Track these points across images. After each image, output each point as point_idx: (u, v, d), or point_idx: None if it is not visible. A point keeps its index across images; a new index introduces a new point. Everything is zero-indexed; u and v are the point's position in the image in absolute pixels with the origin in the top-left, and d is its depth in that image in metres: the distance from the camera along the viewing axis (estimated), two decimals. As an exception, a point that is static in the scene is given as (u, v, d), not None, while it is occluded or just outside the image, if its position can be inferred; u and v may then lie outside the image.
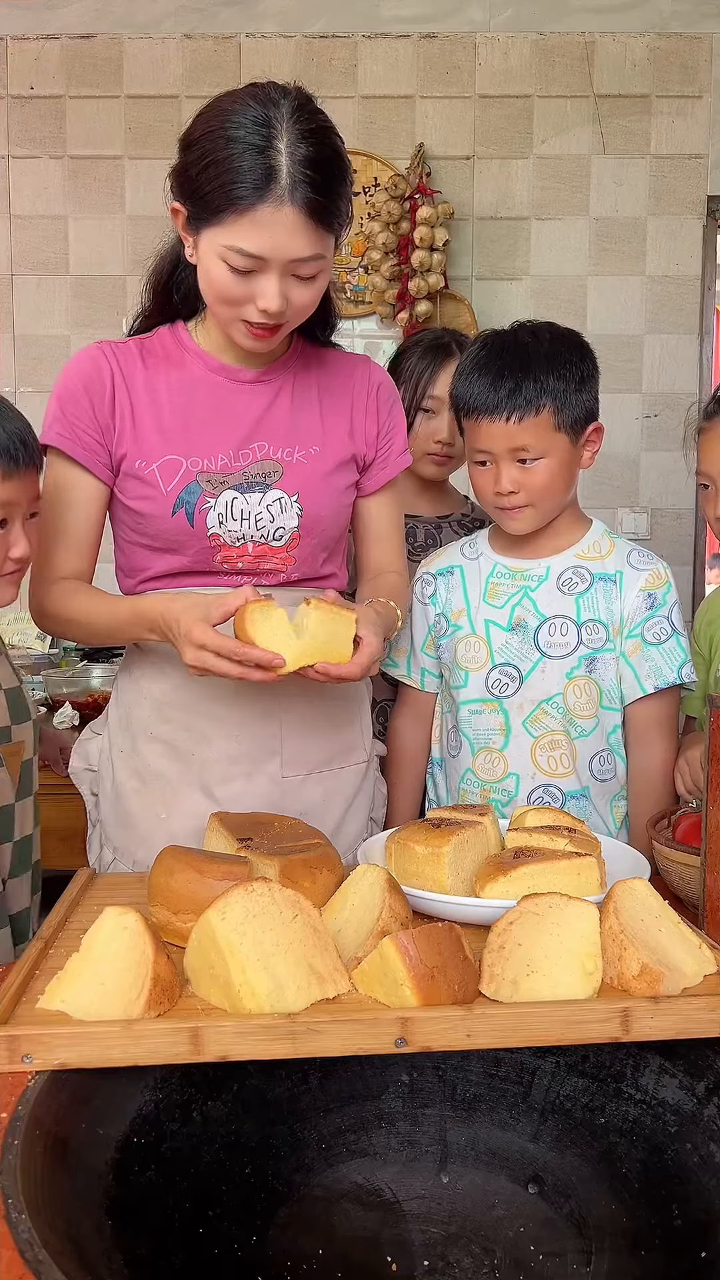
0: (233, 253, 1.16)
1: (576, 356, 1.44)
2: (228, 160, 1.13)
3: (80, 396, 1.31)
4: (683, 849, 1.26)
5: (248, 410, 1.33)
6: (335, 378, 1.40)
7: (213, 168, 1.14)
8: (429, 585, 1.58)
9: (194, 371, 1.34)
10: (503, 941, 0.92)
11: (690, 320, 3.15)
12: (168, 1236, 0.80)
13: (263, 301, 1.19)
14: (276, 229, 1.14)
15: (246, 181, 1.12)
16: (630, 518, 3.19)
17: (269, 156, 1.12)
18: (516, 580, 1.51)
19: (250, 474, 1.32)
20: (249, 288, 1.18)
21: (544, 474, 1.42)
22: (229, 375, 1.34)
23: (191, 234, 1.21)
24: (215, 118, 1.17)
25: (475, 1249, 0.88)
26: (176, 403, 1.32)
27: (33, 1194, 0.69)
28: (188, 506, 1.30)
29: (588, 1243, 0.87)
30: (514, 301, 3.14)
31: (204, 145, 1.16)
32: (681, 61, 3.08)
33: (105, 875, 1.28)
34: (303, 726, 1.38)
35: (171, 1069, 0.86)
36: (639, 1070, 0.92)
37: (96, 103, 3.11)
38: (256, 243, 1.14)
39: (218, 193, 1.14)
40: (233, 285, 1.18)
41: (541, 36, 3.07)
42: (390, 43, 3.08)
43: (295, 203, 1.13)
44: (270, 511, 1.32)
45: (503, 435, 1.40)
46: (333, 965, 0.89)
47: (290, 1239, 0.86)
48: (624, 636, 1.49)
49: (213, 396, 1.33)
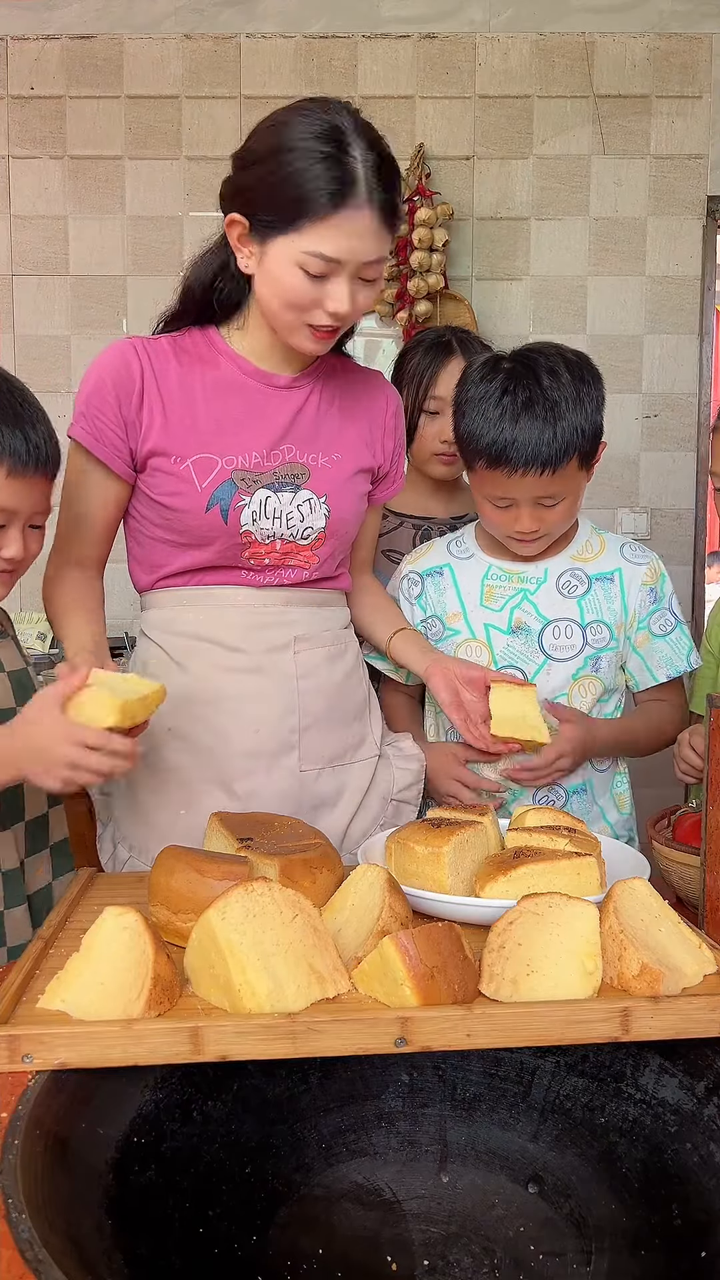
0: (312, 258, 1.20)
1: (594, 388, 1.42)
2: (308, 168, 1.17)
3: (107, 392, 1.33)
4: (683, 849, 1.26)
5: (280, 413, 1.36)
6: (357, 391, 1.44)
7: (293, 177, 1.17)
8: (416, 585, 1.58)
9: (228, 373, 1.36)
10: (503, 941, 0.92)
11: (690, 320, 3.15)
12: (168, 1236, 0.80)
13: (333, 304, 1.23)
14: (355, 233, 1.20)
15: (329, 188, 1.17)
16: (630, 518, 3.19)
17: (347, 164, 1.18)
18: (513, 583, 1.52)
19: (280, 474, 1.35)
20: (319, 292, 1.23)
21: (564, 510, 1.44)
22: (263, 379, 1.36)
23: (255, 244, 1.24)
24: (282, 130, 1.19)
25: (475, 1249, 0.88)
26: (212, 401, 1.35)
27: (33, 1194, 0.69)
28: (222, 504, 1.32)
29: (588, 1242, 0.87)
30: (514, 302, 3.14)
31: (278, 157, 1.18)
32: (681, 61, 3.08)
33: (105, 875, 1.28)
34: (319, 720, 1.40)
35: (171, 1069, 0.86)
36: (639, 1070, 0.92)
37: (96, 103, 3.11)
38: (335, 247, 1.19)
39: (299, 201, 1.17)
40: (305, 291, 1.22)
41: (541, 36, 3.07)
42: (390, 43, 3.08)
43: (373, 206, 1.20)
44: (300, 511, 1.36)
45: (533, 486, 1.39)
46: (333, 965, 0.89)
47: (290, 1239, 0.86)
48: (635, 630, 1.50)
49: (246, 398, 1.35)
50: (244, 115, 3.09)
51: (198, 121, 3.10)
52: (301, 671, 1.38)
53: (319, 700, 1.40)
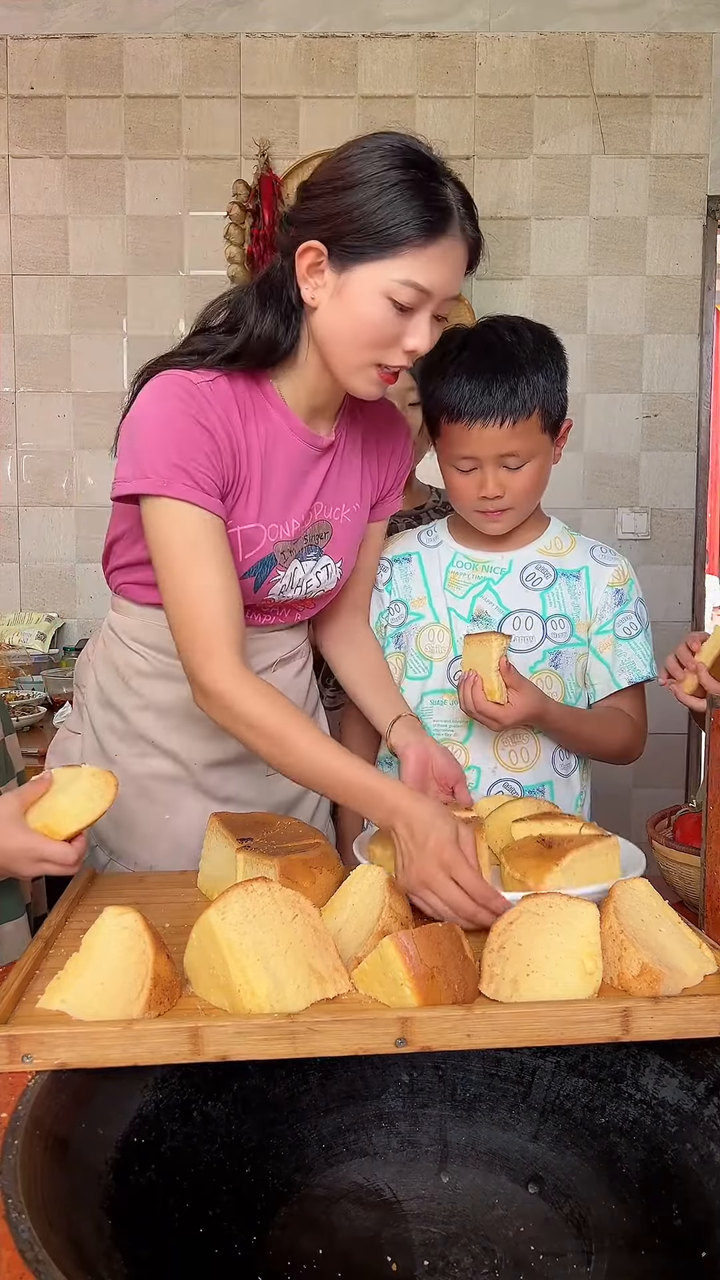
0: (404, 287, 1.13)
1: (556, 353, 1.42)
2: (409, 194, 1.12)
3: (199, 437, 1.18)
4: (683, 849, 1.26)
5: (316, 475, 1.32)
6: (376, 433, 1.41)
7: (394, 202, 1.12)
8: (384, 571, 1.56)
9: (278, 429, 1.27)
10: (503, 941, 0.92)
11: (690, 320, 3.15)
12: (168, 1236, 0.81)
13: (413, 340, 1.17)
14: (448, 264, 1.15)
15: (429, 216, 1.12)
16: (630, 518, 3.19)
17: (444, 194, 1.14)
18: (478, 571, 1.51)
19: (309, 537, 1.33)
20: (401, 327, 1.16)
21: (530, 476, 1.42)
22: (308, 440, 1.29)
23: (333, 273, 1.17)
24: (375, 157, 1.14)
25: (475, 1249, 0.88)
26: (267, 465, 1.26)
27: (33, 1194, 0.69)
28: (258, 577, 1.29)
29: (588, 1243, 0.87)
30: (514, 301, 3.14)
31: (375, 181, 1.13)
32: (681, 61, 3.08)
33: (105, 875, 1.28)
34: None
35: (171, 1069, 0.86)
36: (639, 1070, 0.92)
37: (96, 103, 3.11)
38: (430, 277, 1.14)
39: (400, 225, 1.12)
40: (388, 324, 1.15)
41: (541, 36, 3.07)
42: (390, 43, 3.08)
43: (465, 239, 1.16)
44: (319, 577, 1.36)
45: (495, 441, 1.37)
46: (333, 965, 0.89)
47: (290, 1239, 0.86)
48: (595, 632, 1.50)
49: (292, 462, 1.29)
50: (244, 115, 3.09)
51: (198, 121, 3.10)
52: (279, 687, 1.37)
53: None
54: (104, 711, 1.39)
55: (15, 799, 1.06)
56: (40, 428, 3.19)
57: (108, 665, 1.38)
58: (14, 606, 3.21)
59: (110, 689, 1.38)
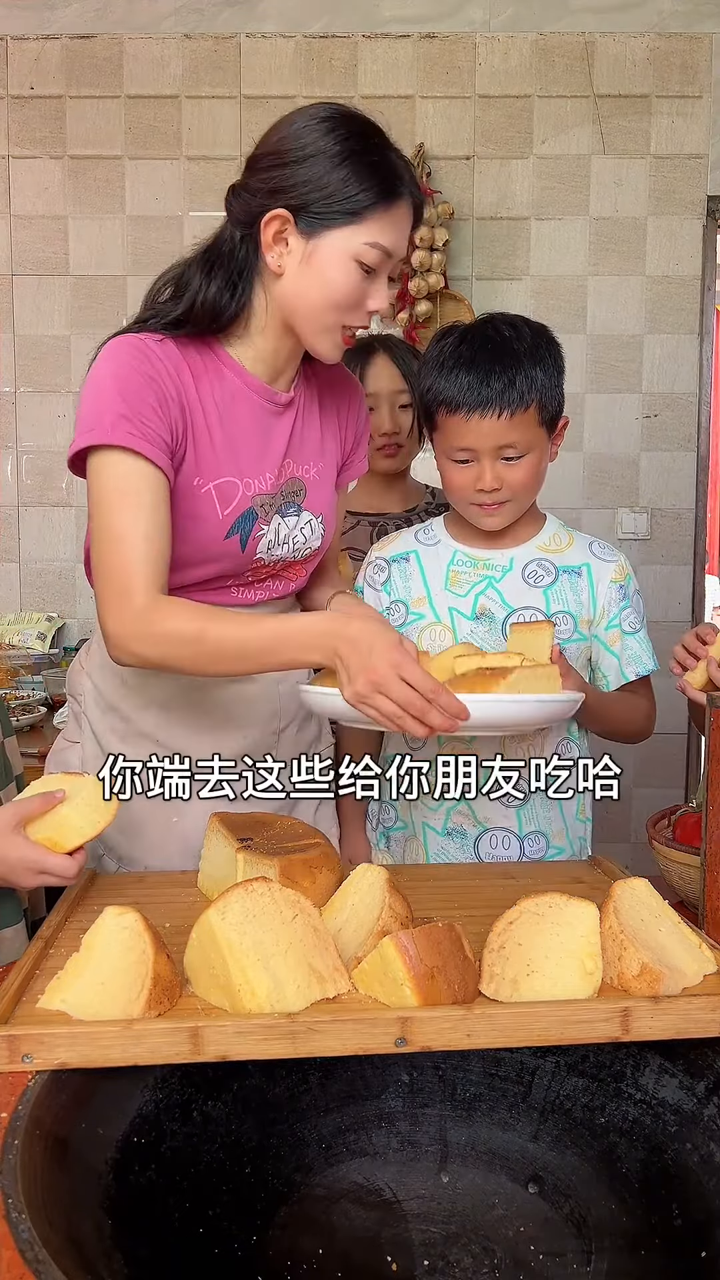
0: (371, 249, 1.19)
1: (554, 350, 1.43)
2: (369, 160, 1.17)
3: (143, 388, 1.19)
4: (683, 849, 1.26)
5: (282, 431, 1.33)
6: (331, 391, 1.42)
7: (361, 169, 1.17)
8: (382, 571, 1.56)
9: (234, 387, 1.28)
10: (503, 941, 0.92)
11: (690, 320, 3.15)
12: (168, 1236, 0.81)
13: (375, 301, 1.23)
14: (405, 225, 1.22)
15: (391, 179, 1.18)
16: (630, 518, 3.19)
17: (396, 157, 1.20)
18: (479, 569, 1.51)
19: (285, 493, 1.34)
20: (365, 289, 1.22)
21: (526, 470, 1.42)
22: (267, 396, 1.31)
23: (301, 240, 1.20)
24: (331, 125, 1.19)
25: (475, 1249, 0.88)
26: (225, 418, 1.27)
27: (33, 1194, 0.69)
28: (243, 533, 1.29)
29: (588, 1242, 0.87)
30: (514, 301, 3.14)
31: (338, 147, 1.17)
32: (681, 61, 3.08)
33: (105, 875, 1.28)
34: (293, 719, 1.42)
35: (171, 1069, 0.86)
36: (639, 1070, 0.92)
37: (96, 103, 3.11)
38: (391, 238, 1.20)
39: (366, 191, 1.17)
40: (356, 286, 1.21)
41: (541, 36, 3.07)
42: (390, 43, 3.08)
43: (410, 202, 1.22)
44: (303, 533, 1.36)
45: (492, 432, 1.37)
46: (333, 965, 0.89)
47: (290, 1239, 0.86)
48: (603, 627, 1.51)
49: (254, 416, 1.30)
50: (244, 115, 3.09)
51: (198, 121, 3.10)
52: (279, 675, 1.37)
53: (292, 700, 1.41)
54: (105, 715, 1.38)
55: (15, 810, 1.05)
56: (40, 428, 3.19)
57: (104, 668, 1.37)
58: (14, 606, 3.21)
59: (109, 692, 1.37)
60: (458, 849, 1.48)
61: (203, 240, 1.28)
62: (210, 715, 1.34)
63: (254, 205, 1.21)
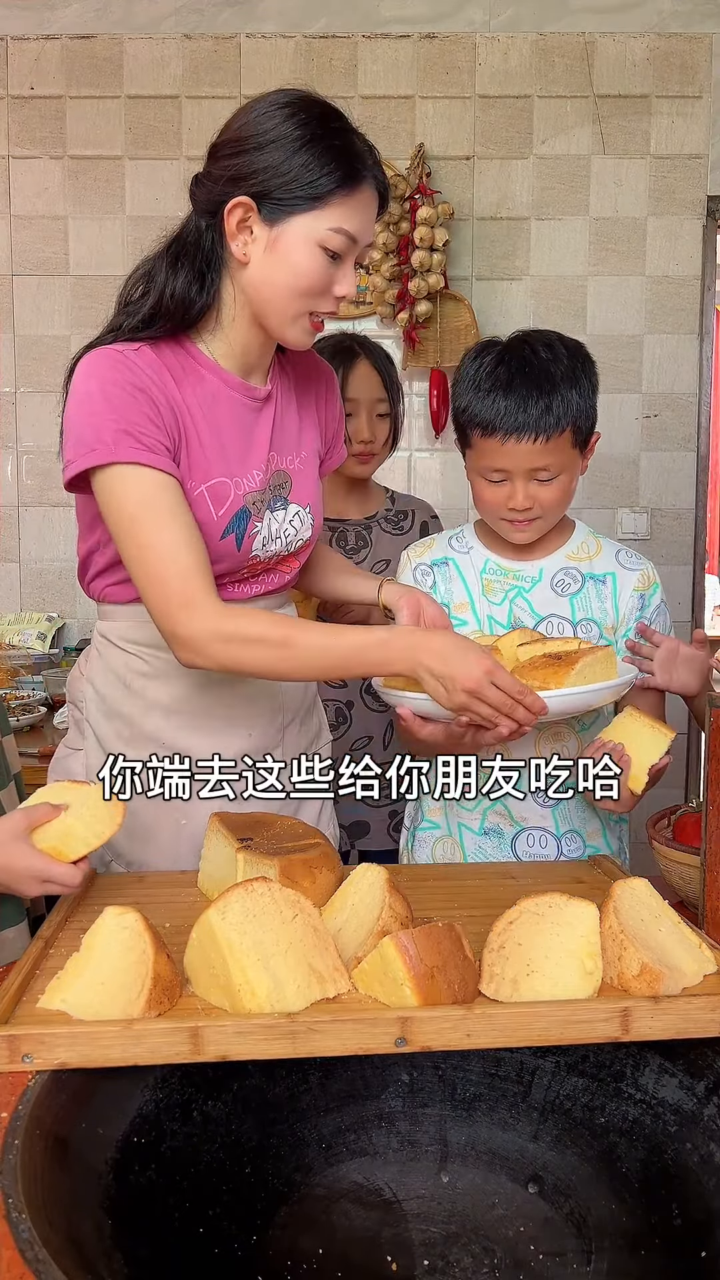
0: (336, 234, 1.18)
1: (589, 369, 1.44)
2: (331, 145, 1.17)
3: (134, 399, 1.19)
4: (683, 849, 1.26)
5: (263, 425, 1.33)
6: (305, 380, 1.42)
7: (321, 153, 1.17)
8: (428, 575, 1.58)
9: (213, 387, 1.28)
10: (503, 941, 0.92)
11: (690, 320, 3.15)
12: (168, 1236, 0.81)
13: (342, 287, 1.22)
14: (370, 210, 1.21)
15: (353, 164, 1.17)
16: (630, 518, 3.19)
17: (358, 140, 1.20)
18: (509, 579, 1.52)
19: (273, 488, 1.33)
20: (332, 275, 1.21)
21: (559, 489, 1.42)
22: (245, 393, 1.31)
23: (265, 227, 1.19)
24: (292, 111, 1.18)
25: (475, 1249, 0.88)
26: (209, 419, 1.27)
27: (33, 1194, 0.69)
28: (238, 533, 1.29)
29: (588, 1242, 0.87)
30: (514, 301, 3.14)
31: (298, 134, 1.17)
32: (681, 61, 3.07)
33: (106, 876, 1.28)
34: (296, 715, 1.43)
35: (171, 1069, 0.86)
36: (639, 1070, 0.92)
37: (96, 103, 3.11)
38: (356, 223, 1.19)
39: (328, 176, 1.16)
40: (322, 272, 1.20)
41: (541, 36, 3.07)
42: (390, 43, 3.08)
43: (375, 187, 1.21)
44: (293, 525, 1.36)
45: (527, 455, 1.38)
46: (333, 965, 0.89)
47: (290, 1239, 0.86)
48: (623, 635, 1.50)
49: (236, 414, 1.30)
50: (244, 115, 3.09)
51: (198, 121, 3.10)
52: None
53: (294, 696, 1.42)
54: (109, 721, 1.37)
55: (22, 817, 1.05)
56: (40, 428, 3.19)
57: (106, 673, 1.37)
58: (14, 606, 3.21)
59: (113, 697, 1.36)
60: (495, 848, 1.48)
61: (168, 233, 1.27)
62: (214, 716, 1.34)
63: (216, 194, 1.20)
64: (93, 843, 1.05)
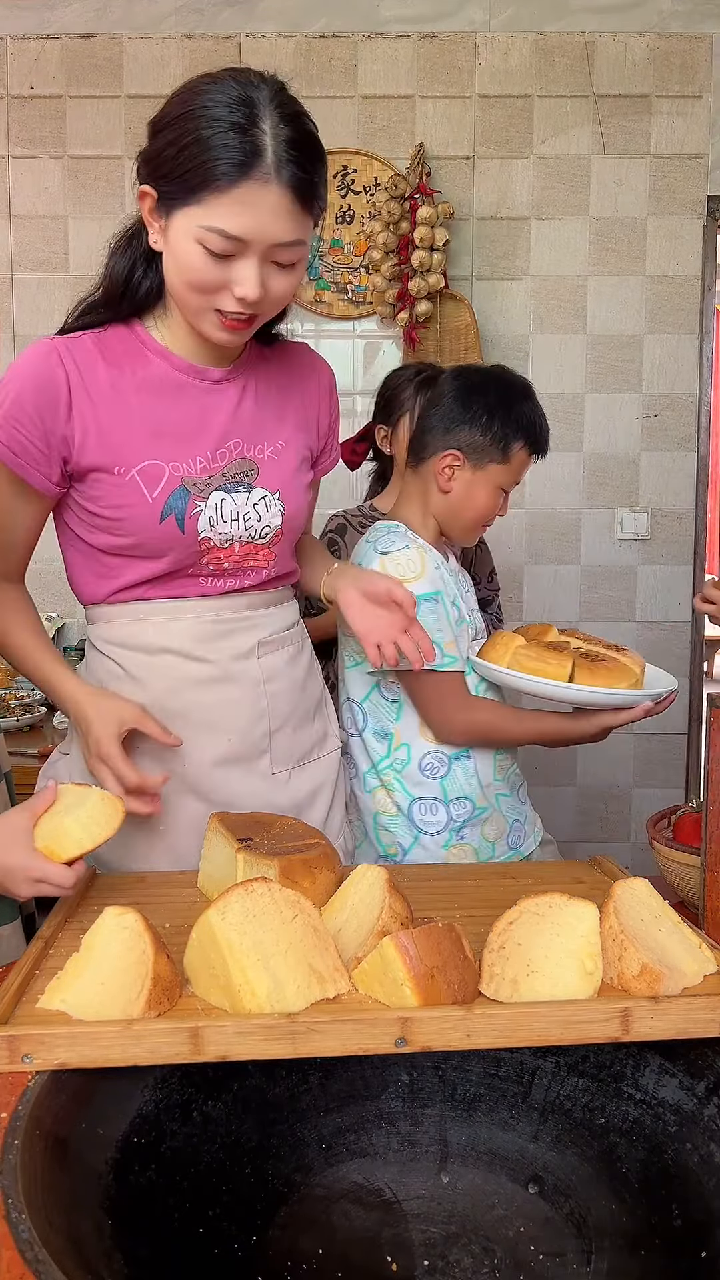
0: (211, 234, 1.11)
1: None
2: (210, 137, 1.08)
3: (27, 403, 1.22)
4: (683, 849, 1.26)
5: (219, 409, 1.30)
6: (291, 373, 1.39)
7: (194, 145, 1.09)
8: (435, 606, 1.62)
9: (159, 371, 1.27)
10: (503, 941, 0.92)
11: (690, 320, 3.15)
12: (168, 1236, 0.81)
13: (240, 289, 1.14)
14: (261, 209, 1.10)
15: (231, 158, 1.08)
16: (630, 518, 3.19)
17: (254, 135, 1.09)
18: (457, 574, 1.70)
19: (230, 473, 1.30)
20: (225, 274, 1.14)
21: None
22: (197, 375, 1.28)
23: (161, 218, 1.16)
24: (194, 96, 1.11)
25: (475, 1249, 0.88)
26: (148, 404, 1.26)
27: (33, 1194, 0.69)
28: (177, 513, 1.26)
29: (588, 1243, 0.87)
30: (514, 301, 3.14)
31: (184, 122, 1.11)
32: (681, 61, 3.07)
33: (105, 876, 1.28)
34: (286, 721, 1.40)
35: (171, 1069, 0.86)
36: (639, 1070, 0.92)
37: (96, 103, 3.11)
38: (239, 224, 1.10)
39: (198, 170, 1.09)
40: (207, 271, 1.14)
41: (541, 36, 3.07)
42: (390, 43, 3.08)
43: (281, 182, 1.10)
44: (257, 511, 1.32)
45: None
46: (333, 965, 0.89)
47: (290, 1239, 0.86)
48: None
49: (184, 397, 1.28)
50: (244, 115, 3.09)
51: (198, 121, 3.10)
52: (267, 675, 1.36)
53: (285, 702, 1.38)
54: None
55: (27, 813, 1.05)
56: None
57: (89, 676, 1.37)
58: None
59: None
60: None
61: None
62: (191, 721, 1.32)
63: (137, 177, 1.19)
64: (86, 845, 1.05)
